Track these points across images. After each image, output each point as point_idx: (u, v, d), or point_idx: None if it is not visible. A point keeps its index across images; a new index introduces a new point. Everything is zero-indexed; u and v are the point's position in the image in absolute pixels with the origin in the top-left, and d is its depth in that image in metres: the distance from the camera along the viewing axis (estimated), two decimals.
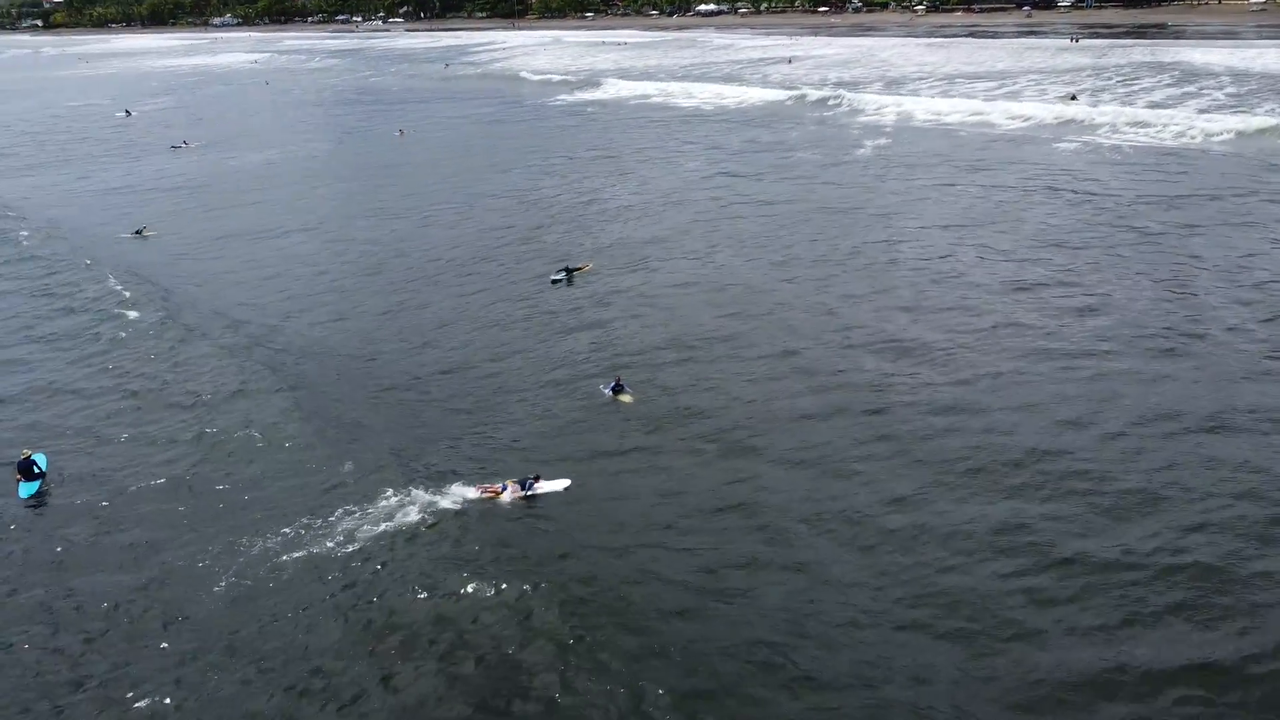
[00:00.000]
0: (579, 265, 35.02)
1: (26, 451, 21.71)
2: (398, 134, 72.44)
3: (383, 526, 18.43)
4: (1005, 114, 66.62)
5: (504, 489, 19.66)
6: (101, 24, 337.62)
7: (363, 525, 18.51)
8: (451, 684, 14.43)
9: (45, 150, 72.47)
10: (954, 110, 69.93)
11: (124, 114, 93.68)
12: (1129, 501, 18.50)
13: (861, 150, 56.70)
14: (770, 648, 14.94)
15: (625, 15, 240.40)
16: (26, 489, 21.00)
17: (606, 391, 24.08)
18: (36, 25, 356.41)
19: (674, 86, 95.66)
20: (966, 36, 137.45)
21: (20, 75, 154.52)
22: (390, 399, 25.07)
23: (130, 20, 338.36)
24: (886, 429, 21.87)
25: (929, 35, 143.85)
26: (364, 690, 14.46)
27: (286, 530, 18.59)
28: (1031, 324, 27.82)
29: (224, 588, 17.12)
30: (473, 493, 19.62)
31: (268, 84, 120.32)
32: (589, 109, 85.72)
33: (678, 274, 34.31)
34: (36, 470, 21.27)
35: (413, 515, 18.70)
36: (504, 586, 16.43)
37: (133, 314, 31.93)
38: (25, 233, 45.02)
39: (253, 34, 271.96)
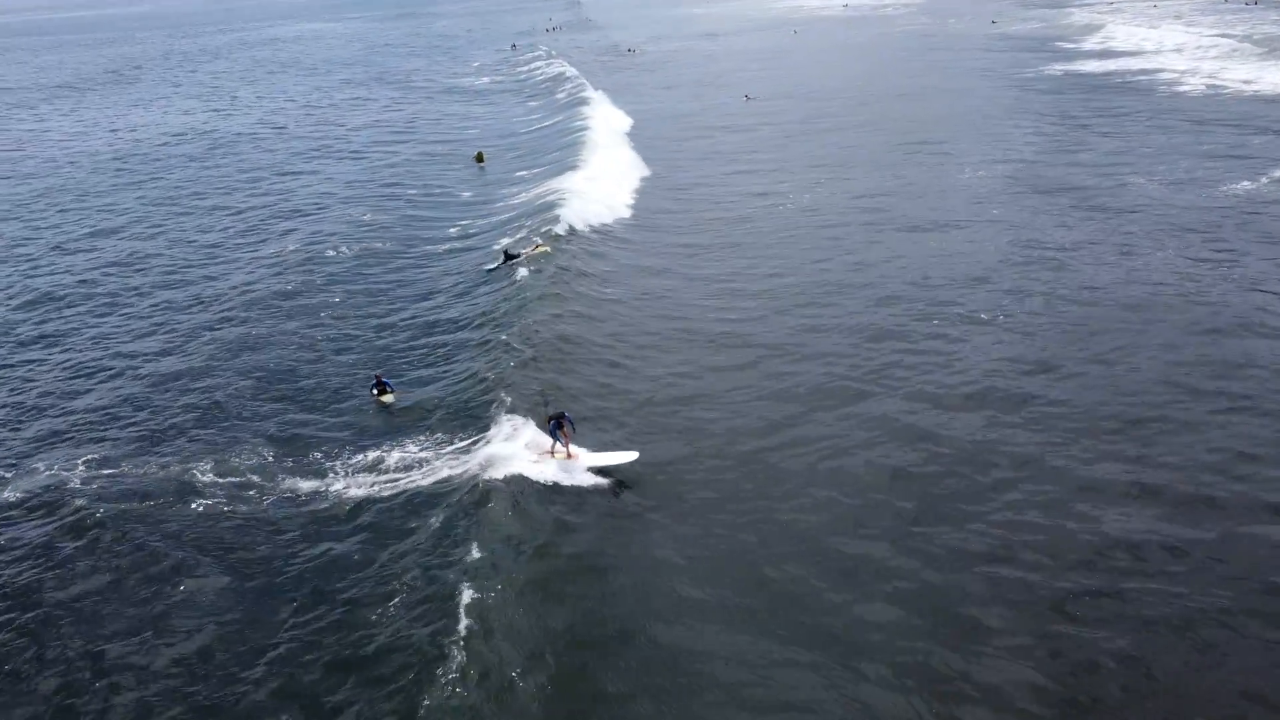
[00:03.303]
0: (523, 249, 29.64)
1: None
2: (744, 99, 66.80)
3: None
4: None
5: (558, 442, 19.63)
6: None
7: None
8: None
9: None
10: None
11: (628, 52, 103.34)
12: None
13: None
14: None
15: None
16: None
17: (371, 391, 23.64)
18: None
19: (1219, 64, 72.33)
20: None
21: (629, 14, 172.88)
22: None
23: None
24: None
25: None
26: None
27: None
28: None
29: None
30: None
31: (795, 33, 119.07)
32: (1047, 86, 67.94)
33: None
34: None
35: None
36: None
37: None
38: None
39: None
